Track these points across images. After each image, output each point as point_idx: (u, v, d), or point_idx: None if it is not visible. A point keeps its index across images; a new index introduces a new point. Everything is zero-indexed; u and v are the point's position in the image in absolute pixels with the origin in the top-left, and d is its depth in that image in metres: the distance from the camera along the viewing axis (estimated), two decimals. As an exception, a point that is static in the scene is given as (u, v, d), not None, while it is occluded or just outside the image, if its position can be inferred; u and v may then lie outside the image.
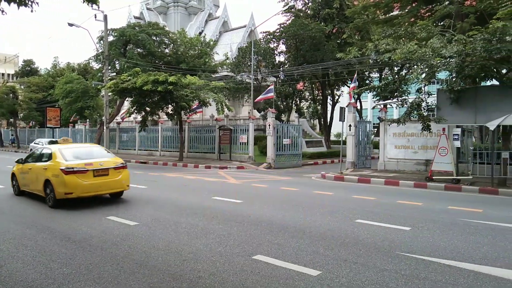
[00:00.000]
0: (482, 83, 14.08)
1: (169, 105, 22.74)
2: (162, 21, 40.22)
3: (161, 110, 23.50)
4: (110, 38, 27.85)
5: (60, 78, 38.55)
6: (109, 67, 27.32)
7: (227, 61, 31.28)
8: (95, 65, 31.57)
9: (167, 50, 30.35)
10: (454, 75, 12.67)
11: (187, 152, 25.56)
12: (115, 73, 28.07)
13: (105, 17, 25.89)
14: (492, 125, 11.87)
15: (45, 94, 43.06)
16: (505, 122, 11.70)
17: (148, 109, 23.03)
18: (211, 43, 33.08)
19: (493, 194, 11.34)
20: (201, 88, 21.63)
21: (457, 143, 13.02)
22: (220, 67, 31.16)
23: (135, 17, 41.61)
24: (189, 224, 7.07)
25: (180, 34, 30.55)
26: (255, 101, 24.71)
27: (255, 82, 27.88)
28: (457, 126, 13.18)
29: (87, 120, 36.39)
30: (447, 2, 13.03)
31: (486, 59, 10.87)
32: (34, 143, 28.27)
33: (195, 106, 24.03)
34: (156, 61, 28.56)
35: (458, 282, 4.40)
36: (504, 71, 12.14)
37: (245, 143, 22.39)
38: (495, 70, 11.89)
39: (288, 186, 12.96)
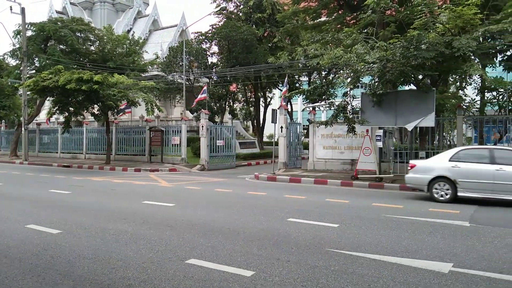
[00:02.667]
0: (402, 88, 15.14)
1: (95, 105, 21.62)
2: (87, 17, 38.19)
3: (86, 110, 22.27)
4: (29, 33, 25.86)
5: (-31, 75, 34.97)
6: (28, 64, 25.36)
7: (158, 60, 30.50)
8: (12, 62, 29.09)
9: (92, 48, 28.84)
10: (376, 79, 13.47)
11: (114, 154, 24.46)
12: (34, 71, 26.12)
13: (23, 10, 24.04)
14: (410, 127, 12.82)
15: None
16: (422, 124, 12.71)
17: (71, 109, 21.72)
18: (140, 41, 32.03)
19: (412, 191, 12.21)
20: (129, 87, 20.84)
21: (379, 144, 13.89)
22: (150, 66, 30.30)
23: (58, 12, 39.11)
24: (118, 230, 6.76)
25: (107, 31, 29.20)
26: (194, 102, 24.29)
27: (187, 83, 27.49)
28: (379, 128, 14.06)
29: (3, 121, 33.43)
30: (370, 11, 13.82)
31: (405, 65, 11.70)
32: None
33: (123, 106, 23.10)
34: (81, 59, 27.02)
35: (383, 274, 4.66)
36: (420, 76, 13.15)
37: (177, 144, 21.95)
38: (412, 75, 12.84)
39: (222, 187, 12.93)
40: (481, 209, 9.16)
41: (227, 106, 31.49)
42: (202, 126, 20.20)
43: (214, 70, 28.92)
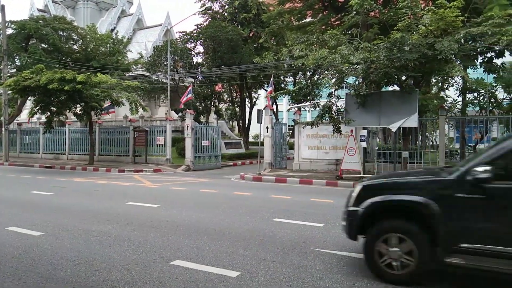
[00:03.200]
0: (385, 88, 15.32)
1: (78, 105, 21.31)
2: (70, 16, 37.62)
3: (68, 110, 21.93)
4: (9, 31, 25.36)
5: None
6: (9, 63, 24.86)
7: (142, 59, 30.22)
8: (-9, 60, 28.49)
9: (75, 47, 28.45)
10: (360, 80, 13.61)
11: (98, 155, 24.14)
12: (15, 70, 25.65)
13: (3, 7, 23.54)
14: (394, 127, 12.98)
15: None
16: (405, 124, 12.87)
17: (54, 109, 21.35)
18: (124, 40, 31.71)
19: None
20: (113, 87, 20.60)
21: (364, 144, 14.03)
22: (134, 66, 30.00)
23: (39, 10, 38.41)
24: (101, 232, 6.67)
25: (90, 29, 28.83)
26: (181, 103, 24.10)
27: (172, 83, 27.31)
28: (363, 128, 14.20)
29: (-18, 121, 32.68)
30: (354, 13, 13.95)
31: (388, 66, 11.84)
32: None
33: (107, 106, 22.82)
34: (63, 58, 26.64)
35: (367, 273, 4.70)
36: (403, 77, 13.31)
37: (162, 145, 21.78)
38: (396, 76, 13.00)
39: (207, 188, 12.87)
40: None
41: (212, 106, 31.39)
42: (187, 126, 20.09)
43: (199, 70, 28.79)
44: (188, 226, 7.13)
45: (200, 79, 28.78)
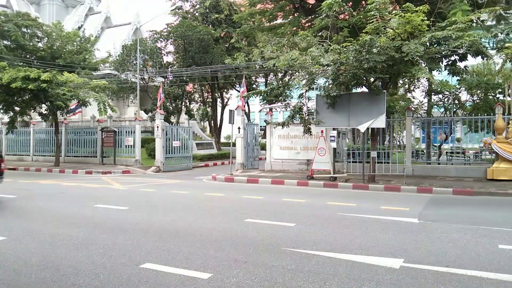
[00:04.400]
0: (354, 90, 15.60)
1: (43, 105, 20.61)
2: (34, 12, 36.22)
3: (33, 110, 21.18)
4: (-32, 27, 24.21)
5: None
6: (-33, 60, 23.72)
7: (110, 58, 29.53)
8: (-51, 57, 27.11)
9: (40, 44, 27.45)
10: (330, 82, 13.81)
11: (64, 156, 23.43)
12: (-25, 67, 24.46)
13: (-39, 2, 22.46)
14: (362, 128, 13.24)
15: None
16: (373, 125, 13.16)
17: (17, 108, 20.57)
18: (92, 39, 30.88)
19: (364, 190, 12.64)
20: (80, 86, 20.04)
21: (333, 144, 14.25)
22: (102, 65, 29.27)
23: (1, 5, 36.87)
24: (68, 236, 6.46)
25: (56, 27, 27.89)
26: (157, 108, 23.62)
27: (141, 82, 26.84)
28: (333, 129, 14.42)
29: None
30: (324, 15, 14.13)
31: (357, 68, 12.07)
32: None
33: (73, 106, 22.14)
34: (27, 56, 25.67)
35: (338, 272, 4.77)
36: (372, 79, 13.60)
37: (131, 145, 21.37)
38: (364, 78, 13.26)
39: (178, 189, 12.73)
40: (429, 206, 9.62)
41: (183, 107, 31.06)
42: (157, 127, 19.81)
43: (169, 69, 28.43)
44: (158, 228, 7.02)
45: (170, 78, 28.42)
